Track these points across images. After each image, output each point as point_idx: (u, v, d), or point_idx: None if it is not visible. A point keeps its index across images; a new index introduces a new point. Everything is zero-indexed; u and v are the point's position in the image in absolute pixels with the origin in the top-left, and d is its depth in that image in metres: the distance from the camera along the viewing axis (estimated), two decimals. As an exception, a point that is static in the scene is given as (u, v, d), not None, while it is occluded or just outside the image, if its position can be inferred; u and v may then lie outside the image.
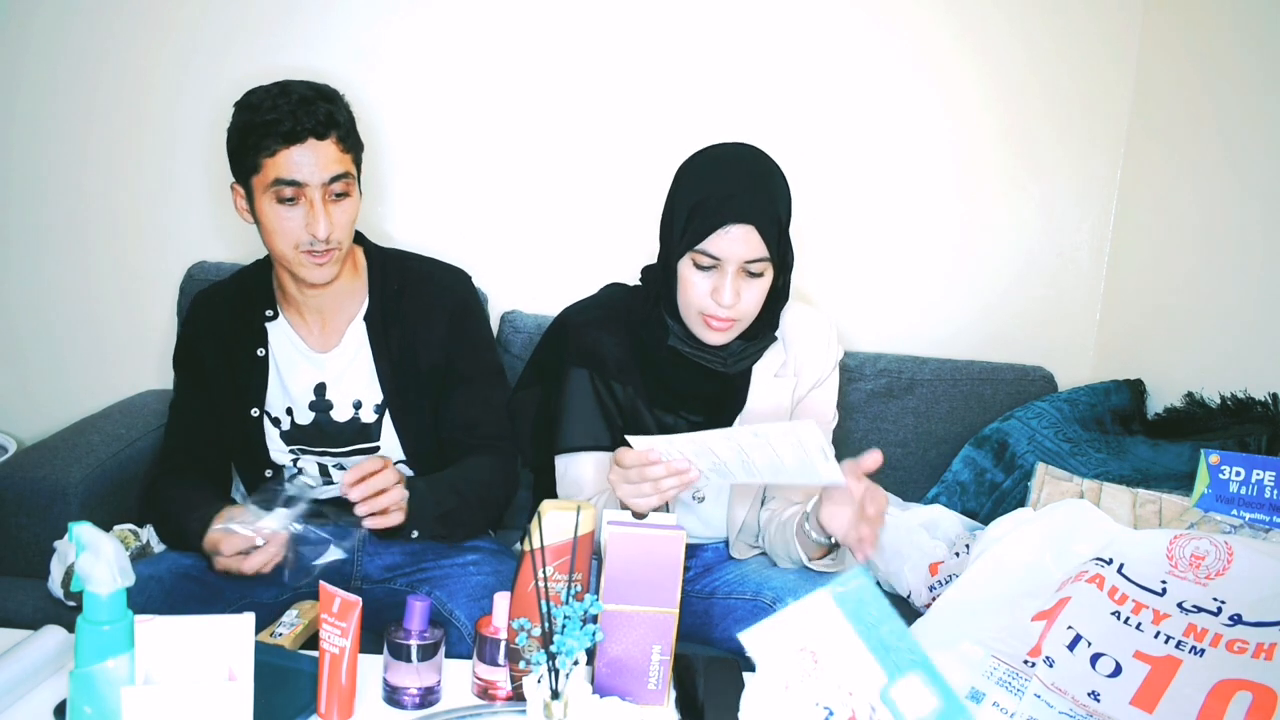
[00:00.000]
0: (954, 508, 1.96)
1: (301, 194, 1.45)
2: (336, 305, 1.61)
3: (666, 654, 1.19)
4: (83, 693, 0.98)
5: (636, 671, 1.19)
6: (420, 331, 1.62)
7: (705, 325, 1.48)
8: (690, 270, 1.46)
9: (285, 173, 1.44)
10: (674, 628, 1.19)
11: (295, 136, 1.43)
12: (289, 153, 1.43)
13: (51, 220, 2.10)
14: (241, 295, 1.63)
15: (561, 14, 2.10)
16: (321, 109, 1.45)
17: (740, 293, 1.45)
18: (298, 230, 1.47)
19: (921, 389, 2.12)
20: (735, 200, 1.41)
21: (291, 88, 1.46)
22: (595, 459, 1.55)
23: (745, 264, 1.43)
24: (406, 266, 1.67)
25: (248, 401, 1.59)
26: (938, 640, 1.22)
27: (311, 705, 1.14)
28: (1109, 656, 1.17)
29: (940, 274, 2.25)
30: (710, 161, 1.50)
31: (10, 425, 2.12)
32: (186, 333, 1.65)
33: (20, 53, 2.05)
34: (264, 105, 1.44)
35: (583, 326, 1.58)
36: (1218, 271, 1.95)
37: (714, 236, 1.42)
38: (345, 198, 1.49)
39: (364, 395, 1.61)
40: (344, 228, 1.50)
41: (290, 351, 1.60)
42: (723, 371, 1.53)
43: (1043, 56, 2.17)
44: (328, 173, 1.46)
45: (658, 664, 1.19)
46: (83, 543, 1.00)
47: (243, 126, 1.46)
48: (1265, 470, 1.60)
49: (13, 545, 1.68)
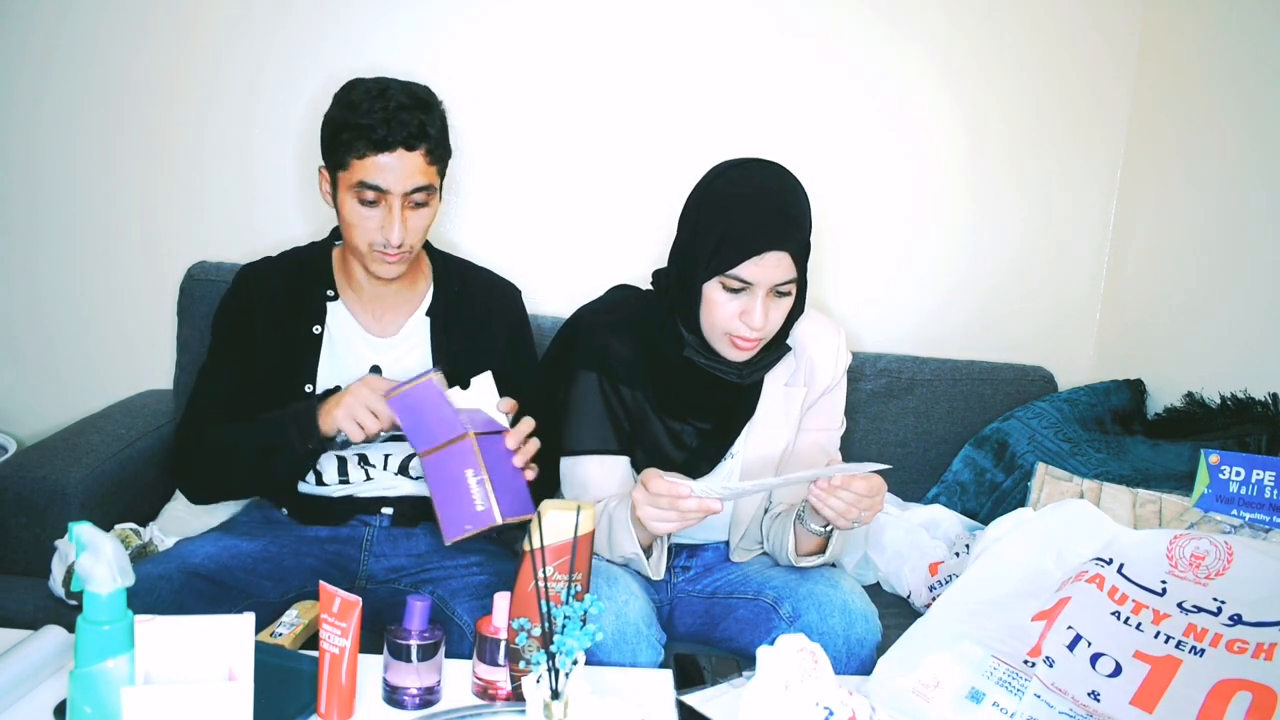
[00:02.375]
0: (954, 508, 1.96)
1: (383, 198, 1.48)
2: (399, 297, 1.64)
3: (480, 474, 1.34)
4: (83, 693, 0.98)
5: (464, 499, 1.35)
6: (482, 335, 1.66)
7: (731, 345, 1.47)
8: (718, 292, 1.44)
9: (370, 177, 1.46)
10: (474, 450, 1.34)
11: (385, 145, 1.45)
12: (377, 159, 1.46)
13: (51, 221, 2.10)
14: (296, 273, 1.65)
15: (579, 19, 2.10)
16: (415, 120, 1.46)
17: (769, 313, 1.44)
18: (374, 230, 1.50)
19: (921, 389, 2.12)
20: (770, 228, 1.41)
21: (390, 92, 1.47)
22: (601, 462, 1.55)
23: (775, 286, 1.43)
24: (468, 271, 1.72)
25: (300, 377, 1.60)
26: (938, 640, 1.22)
27: (311, 705, 1.14)
28: (1109, 656, 1.17)
29: (941, 274, 2.25)
30: (734, 186, 1.47)
31: (10, 425, 2.12)
32: (235, 302, 1.64)
33: (18, 54, 2.05)
34: (361, 106, 1.46)
35: (593, 329, 1.58)
36: (1218, 271, 1.95)
37: (748, 264, 1.41)
38: (424, 206, 1.52)
39: None
40: (418, 233, 1.53)
41: (348, 332, 1.62)
42: (736, 383, 1.53)
43: (1043, 57, 2.18)
44: (411, 183, 1.48)
45: (475, 485, 1.35)
46: (83, 543, 1.00)
47: (338, 122, 1.48)
48: (1265, 470, 1.60)
49: (13, 545, 1.68)
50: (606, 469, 1.55)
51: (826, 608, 1.41)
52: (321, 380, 1.61)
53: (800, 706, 1.02)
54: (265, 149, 2.09)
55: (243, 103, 2.07)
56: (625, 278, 1.73)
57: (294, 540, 1.59)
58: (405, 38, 2.08)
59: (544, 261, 2.14)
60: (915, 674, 1.19)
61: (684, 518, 1.32)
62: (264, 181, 2.10)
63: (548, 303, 2.04)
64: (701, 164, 1.55)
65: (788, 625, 1.42)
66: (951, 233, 2.24)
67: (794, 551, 1.49)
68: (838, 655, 1.37)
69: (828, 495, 1.34)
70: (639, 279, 1.68)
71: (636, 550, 1.43)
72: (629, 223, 2.16)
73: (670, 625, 1.59)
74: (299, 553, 1.57)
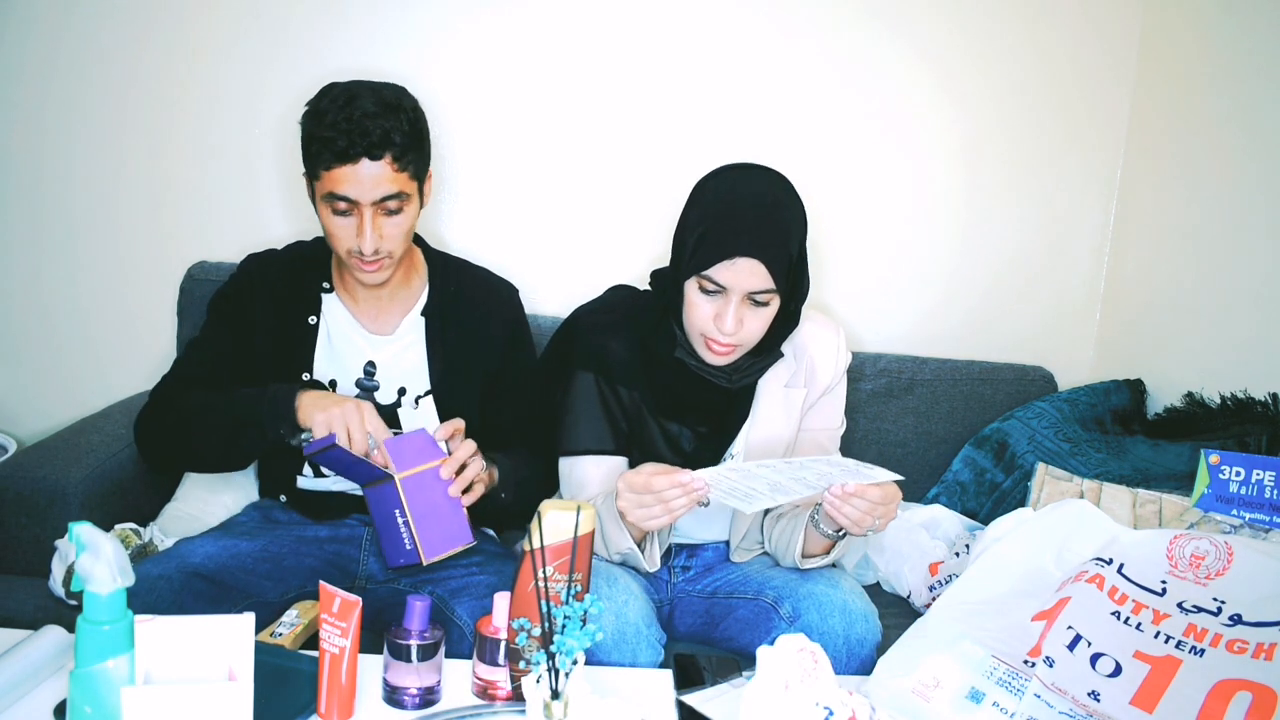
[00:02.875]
0: (954, 508, 1.96)
1: (353, 208, 1.49)
2: (394, 296, 1.65)
3: (405, 515, 1.38)
4: (83, 693, 0.98)
5: (396, 536, 1.40)
6: (479, 334, 1.66)
7: (707, 347, 1.48)
8: (695, 292, 1.45)
9: (338, 188, 1.47)
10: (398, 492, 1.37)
11: (348, 156, 1.45)
12: (342, 171, 1.46)
13: (51, 221, 2.10)
14: (298, 264, 1.66)
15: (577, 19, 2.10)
16: (378, 128, 1.45)
17: (743, 321, 1.44)
18: (350, 239, 1.51)
19: (921, 389, 2.12)
20: (744, 234, 1.40)
21: (357, 101, 1.46)
22: (599, 462, 1.55)
23: (750, 294, 1.42)
24: (464, 271, 1.72)
25: (296, 366, 1.61)
26: (938, 640, 1.22)
27: (311, 705, 1.14)
28: (1109, 656, 1.17)
29: (941, 274, 2.25)
30: (725, 187, 1.47)
31: (10, 425, 2.12)
32: (237, 286, 1.65)
33: (19, 54, 2.04)
34: (326, 117, 1.46)
35: (591, 329, 1.58)
36: (1218, 271, 1.95)
37: (720, 266, 1.41)
38: (397, 213, 1.51)
39: (410, 384, 1.63)
40: (395, 239, 1.52)
41: (344, 326, 1.63)
42: (725, 387, 1.53)
43: (1043, 57, 2.18)
44: (379, 192, 1.47)
45: (402, 526, 1.39)
46: (83, 543, 0.99)
47: (306, 131, 1.49)
48: (1265, 470, 1.60)
49: (13, 545, 1.68)
50: (604, 469, 1.55)
51: (826, 608, 1.41)
52: (318, 371, 1.61)
53: (800, 706, 1.02)
54: (265, 149, 2.09)
55: (243, 103, 2.07)
56: (624, 277, 1.74)
57: (294, 540, 1.59)
58: (405, 38, 2.08)
59: (542, 261, 2.14)
60: (915, 674, 1.19)
61: (669, 508, 1.31)
62: (264, 182, 2.10)
63: (546, 302, 2.05)
64: (700, 164, 1.55)
65: (788, 625, 1.42)
66: (951, 233, 2.24)
67: (799, 554, 1.49)
68: (838, 655, 1.37)
69: (842, 503, 1.33)
70: (637, 279, 1.69)
71: (630, 545, 1.43)
72: (627, 222, 2.16)
73: (670, 625, 1.59)
74: (299, 552, 1.57)
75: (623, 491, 1.34)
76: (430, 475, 1.39)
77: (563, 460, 1.58)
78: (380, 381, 1.63)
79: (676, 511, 1.32)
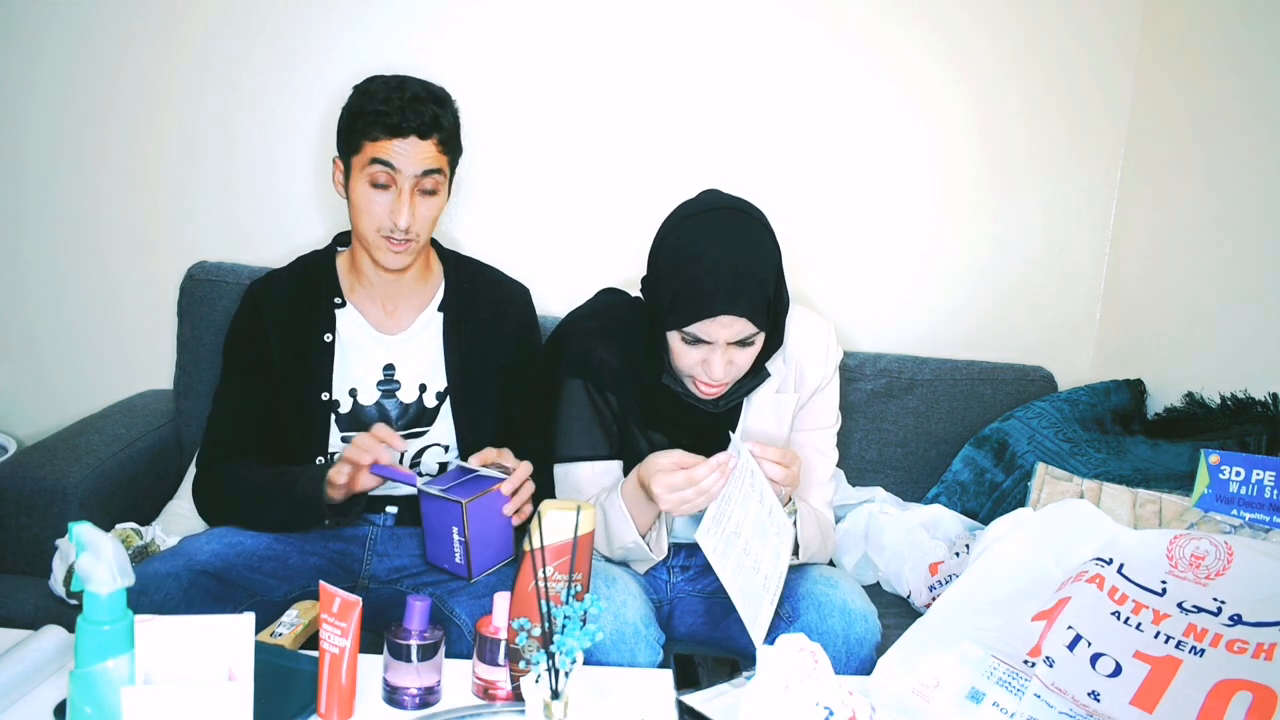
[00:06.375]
0: (954, 508, 1.96)
1: (394, 181, 1.52)
2: (409, 292, 1.66)
3: (464, 535, 1.41)
4: (83, 693, 0.98)
5: (446, 545, 1.43)
6: (494, 331, 1.68)
7: (696, 387, 1.49)
8: (678, 341, 1.45)
9: (383, 154, 1.51)
10: (463, 517, 1.39)
11: (399, 131, 1.51)
12: (391, 143, 1.51)
13: (51, 221, 2.10)
14: (304, 283, 1.67)
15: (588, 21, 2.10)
16: (429, 110, 1.52)
17: (732, 361, 1.45)
18: (383, 215, 1.53)
19: (921, 389, 2.12)
20: (718, 293, 1.39)
21: (408, 85, 1.54)
22: (593, 468, 1.56)
23: (734, 341, 1.43)
24: (478, 269, 1.75)
25: (316, 386, 1.61)
26: (938, 640, 1.22)
27: (311, 705, 1.14)
28: (1109, 656, 1.17)
29: (940, 275, 2.25)
30: (692, 239, 1.44)
31: (10, 425, 2.12)
32: (245, 323, 1.65)
33: (20, 55, 2.04)
34: (378, 95, 1.52)
35: (578, 336, 1.59)
36: (1218, 272, 1.95)
37: (702, 324, 1.40)
38: (433, 195, 1.56)
39: (429, 380, 1.65)
40: (425, 221, 1.56)
41: (358, 335, 1.64)
42: (713, 412, 1.53)
43: (1042, 58, 2.18)
44: (422, 166, 1.52)
45: (458, 543, 1.42)
46: (83, 543, 0.99)
47: (354, 110, 1.54)
48: (1265, 470, 1.60)
49: (13, 545, 1.68)
50: (599, 474, 1.56)
51: (826, 608, 1.41)
52: (337, 386, 1.62)
53: (800, 706, 1.02)
54: (265, 149, 2.09)
55: (244, 103, 2.07)
56: (631, 279, 1.73)
57: (299, 538, 1.59)
58: (414, 41, 2.07)
59: (551, 262, 2.14)
60: (915, 674, 1.19)
61: (701, 489, 1.33)
62: (264, 182, 2.10)
63: (555, 304, 2.04)
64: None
65: (787, 625, 1.42)
66: (951, 233, 2.23)
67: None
68: (837, 655, 1.37)
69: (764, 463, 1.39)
70: (629, 285, 1.68)
71: (636, 538, 1.43)
72: (635, 224, 2.13)
73: (670, 625, 1.59)
74: (304, 550, 1.57)
75: (662, 495, 1.35)
76: (492, 499, 1.42)
77: (557, 467, 1.58)
78: (400, 381, 1.64)
79: (711, 493, 1.34)
